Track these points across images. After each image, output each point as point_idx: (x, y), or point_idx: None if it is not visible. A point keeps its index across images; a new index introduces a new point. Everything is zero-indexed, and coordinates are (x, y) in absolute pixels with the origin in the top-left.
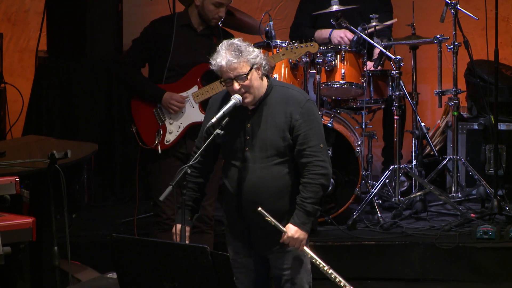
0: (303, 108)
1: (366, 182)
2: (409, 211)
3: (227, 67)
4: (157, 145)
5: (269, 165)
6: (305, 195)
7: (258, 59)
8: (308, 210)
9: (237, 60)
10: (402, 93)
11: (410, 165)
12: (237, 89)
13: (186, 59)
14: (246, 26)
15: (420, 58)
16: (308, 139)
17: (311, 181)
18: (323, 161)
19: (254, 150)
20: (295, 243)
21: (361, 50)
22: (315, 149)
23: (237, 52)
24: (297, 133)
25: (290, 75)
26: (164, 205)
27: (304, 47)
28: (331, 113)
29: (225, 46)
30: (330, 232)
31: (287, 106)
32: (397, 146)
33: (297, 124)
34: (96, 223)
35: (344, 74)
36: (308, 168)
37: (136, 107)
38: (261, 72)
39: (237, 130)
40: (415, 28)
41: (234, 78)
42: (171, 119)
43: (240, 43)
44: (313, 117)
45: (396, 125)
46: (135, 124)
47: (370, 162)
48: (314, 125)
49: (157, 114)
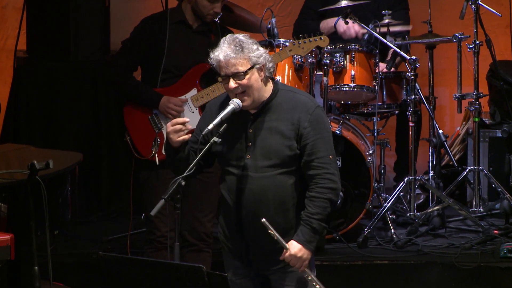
0: (312, 115)
1: (378, 195)
2: (426, 227)
3: (224, 62)
4: (155, 155)
5: (272, 174)
6: (312, 210)
7: (262, 59)
8: (314, 227)
9: (236, 55)
10: (418, 97)
11: (426, 176)
12: (233, 88)
13: (183, 59)
14: (246, 24)
15: (437, 58)
16: (316, 150)
17: (318, 195)
18: (332, 174)
19: (256, 158)
20: (297, 262)
21: (373, 50)
22: (324, 161)
23: (238, 47)
24: (304, 142)
25: (295, 77)
26: (157, 221)
27: (313, 41)
28: (339, 119)
29: (227, 40)
30: (338, 250)
31: (294, 113)
32: (412, 156)
33: (305, 132)
34: (81, 240)
35: (354, 76)
36: (315, 181)
37: (129, 115)
38: (264, 73)
39: (237, 135)
40: (432, 25)
41: (231, 75)
42: None
43: (244, 39)
44: (323, 126)
45: (411, 132)
46: (129, 133)
47: (383, 173)
48: (323, 135)
49: (153, 121)
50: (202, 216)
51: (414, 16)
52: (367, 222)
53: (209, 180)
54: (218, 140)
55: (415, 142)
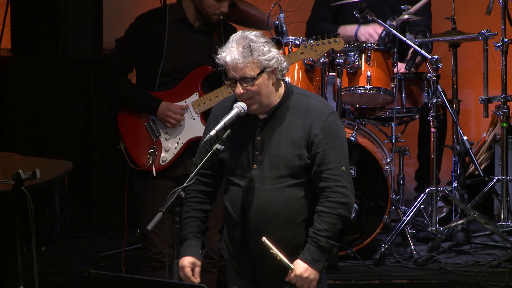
0: (325, 121)
1: (396, 208)
2: (449, 243)
3: (231, 65)
4: (151, 165)
5: (280, 186)
6: (320, 226)
7: (273, 61)
8: (321, 245)
9: (244, 60)
10: (440, 101)
11: (450, 187)
12: (239, 94)
13: (183, 61)
14: (252, 20)
15: (462, 58)
16: (328, 160)
17: (327, 210)
18: (344, 188)
19: (263, 168)
20: (304, 283)
21: (391, 49)
22: (336, 172)
23: (247, 50)
24: (315, 151)
25: (305, 78)
26: (154, 237)
27: (327, 43)
28: (354, 124)
29: (236, 38)
30: (353, 268)
31: (306, 118)
32: (434, 165)
33: (317, 140)
34: (71, 257)
35: (370, 78)
36: (325, 194)
37: (124, 121)
38: (275, 77)
39: (244, 143)
40: (455, 22)
41: (238, 79)
42: (168, 134)
43: (255, 39)
44: (336, 134)
45: (433, 139)
46: (123, 141)
47: (402, 184)
48: (337, 143)
49: (150, 129)
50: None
51: (436, 10)
52: (384, 237)
53: None
54: (221, 148)
55: (437, 149)
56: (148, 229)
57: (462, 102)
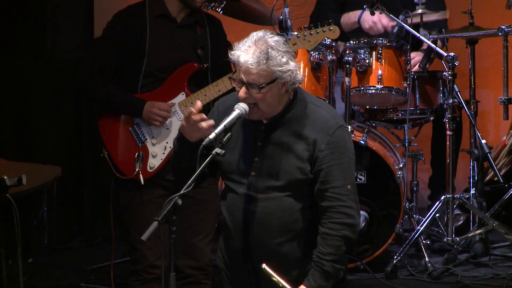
0: (332, 136)
1: (409, 216)
2: (466, 255)
3: (243, 67)
4: (139, 173)
5: (278, 196)
6: (324, 250)
7: (287, 74)
8: (326, 270)
9: (257, 66)
10: (457, 101)
11: (467, 194)
12: (242, 97)
13: (167, 60)
14: (254, 14)
15: (480, 55)
16: (332, 178)
17: (331, 232)
18: (349, 208)
19: (261, 176)
20: None
21: (404, 45)
22: (340, 191)
23: (263, 56)
24: (319, 168)
25: (311, 78)
26: (145, 249)
27: (321, 32)
28: (364, 127)
29: (256, 39)
30: (363, 282)
31: (312, 130)
32: (450, 170)
33: (321, 156)
34: (59, 270)
35: (382, 77)
36: (329, 214)
37: (106, 126)
38: (284, 89)
39: (244, 147)
40: (473, 16)
41: (245, 82)
42: (154, 138)
43: (275, 45)
44: (343, 149)
45: (449, 142)
46: (107, 148)
47: (415, 191)
48: (343, 160)
49: (135, 134)
50: (198, 240)
51: (452, 5)
52: (396, 248)
53: (202, 197)
54: (221, 152)
55: (453, 154)
56: (143, 239)
57: (480, 103)
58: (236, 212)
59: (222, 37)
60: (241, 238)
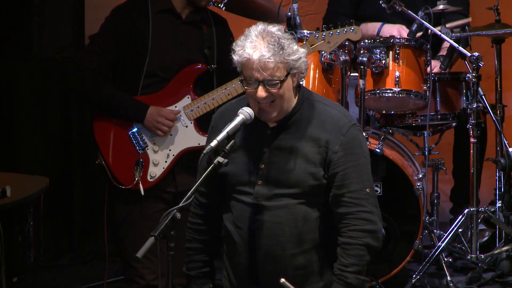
0: (345, 136)
1: (430, 232)
2: (492, 274)
3: (258, 63)
4: (138, 182)
5: (290, 203)
6: (345, 261)
7: (300, 62)
8: (350, 283)
9: (275, 58)
10: (482, 106)
11: (492, 207)
12: (263, 97)
13: (171, 59)
14: (260, 11)
15: (507, 55)
16: (348, 181)
17: (352, 241)
18: (369, 213)
19: (269, 185)
20: None
21: (423, 45)
22: (358, 196)
23: (278, 46)
24: (334, 171)
25: (323, 80)
26: (141, 267)
27: (341, 33)
28: (380, 134)
29: (259, 31)
30: None
31: (323, 131)
32: (474, 181)
33: (335, 158)
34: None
35: (399, 79)
36: (347, 222)
37: (101, 130)
38: (296, 80)
39: (248, 154)
40: (499, 13)
41: (262, 81)
42: (156, 145)
43: (281, 34)
44: (359, 150)
45: (472, 151)
46: (103, 155)
47: (436, 204)
48: (359, 162)
49: (135, 139)
50: None
51: (476, 0)
52: (415, 266)
53: None
54: (223, 161)
55: (477, 163)
56: (138, 256)
57: (507, 107)
58: (243, 223)
59: (229, 38)
60: (250, 251)
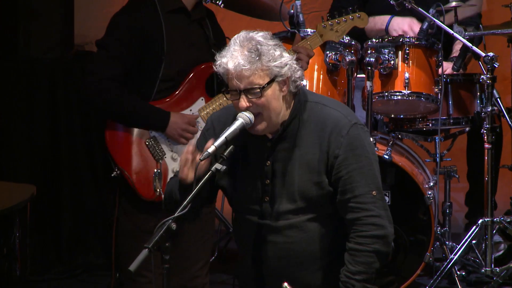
0: (346, 137)
1: (441, 243)
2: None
3: (234, 73)
4: (161, 195)
5: (299, 221)
6: (353, 268)
7: (286, 69)
8: None
9: (251, 66)
10: (497, 109)
11: (509, 217)
12: (244, 108)
13: (186, 61)
14: (260, 8)
15: None
16: (353, 185)
17: (360, 247)
18: (377, 217)
19: (277, 201)
20: None
21: (434, 44)
22: (365, 200)
23: (254, 53)
24: (337, 176)
25: (327, 82)
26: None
27: (348, 20)
28: (389, 139)
29: (240, 40)
30: None
31: (322, 135)
32: (489, 189)
33: (337, 162)
34: None
35: (409, 80)
36: (356, 228)
37: (115, 140)
38: (287, 88)
39: (251, 169)
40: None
41: (243, 90)
42: (174, 151)
43: (263, 40)
44: (361, 151)
45: (487, 157)
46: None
47: (448, 214)
48: (362, 163)
49: (152, 148)
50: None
51: None
52: (426, 280)
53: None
54: (221, 168)
55: (492, 170)
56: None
57: None
58: (252, 244)
59: (221, 31)
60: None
